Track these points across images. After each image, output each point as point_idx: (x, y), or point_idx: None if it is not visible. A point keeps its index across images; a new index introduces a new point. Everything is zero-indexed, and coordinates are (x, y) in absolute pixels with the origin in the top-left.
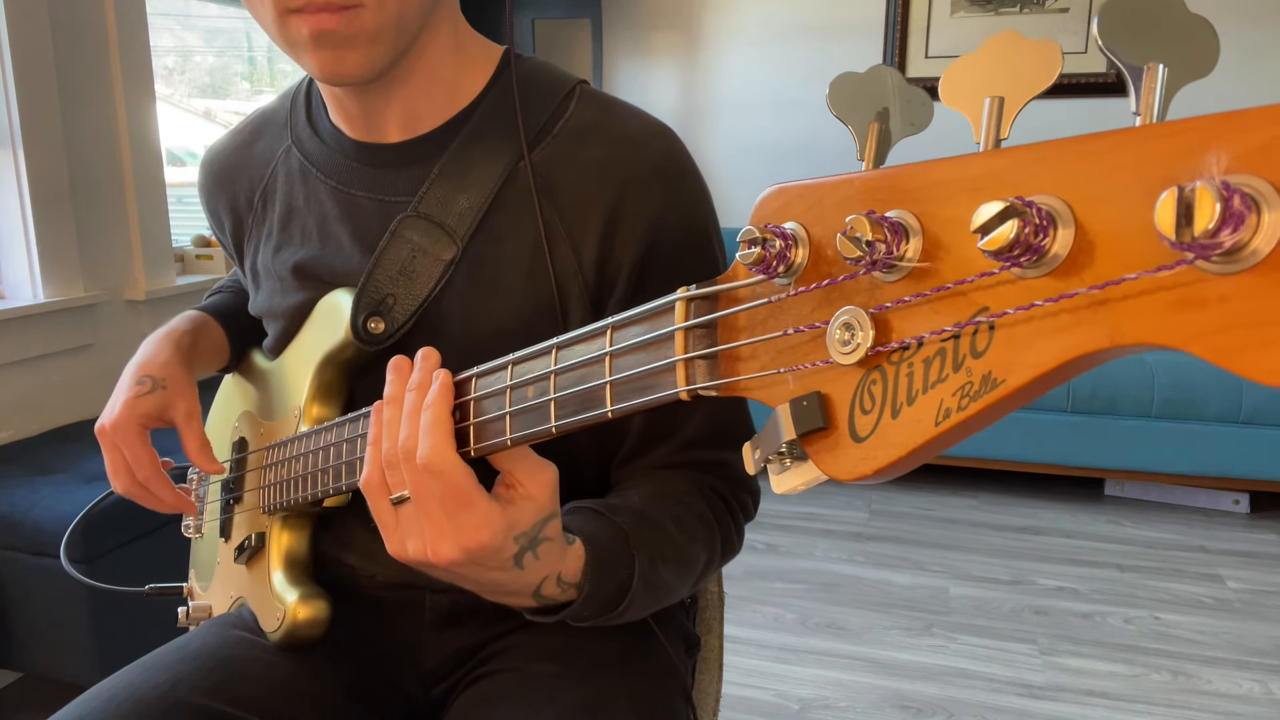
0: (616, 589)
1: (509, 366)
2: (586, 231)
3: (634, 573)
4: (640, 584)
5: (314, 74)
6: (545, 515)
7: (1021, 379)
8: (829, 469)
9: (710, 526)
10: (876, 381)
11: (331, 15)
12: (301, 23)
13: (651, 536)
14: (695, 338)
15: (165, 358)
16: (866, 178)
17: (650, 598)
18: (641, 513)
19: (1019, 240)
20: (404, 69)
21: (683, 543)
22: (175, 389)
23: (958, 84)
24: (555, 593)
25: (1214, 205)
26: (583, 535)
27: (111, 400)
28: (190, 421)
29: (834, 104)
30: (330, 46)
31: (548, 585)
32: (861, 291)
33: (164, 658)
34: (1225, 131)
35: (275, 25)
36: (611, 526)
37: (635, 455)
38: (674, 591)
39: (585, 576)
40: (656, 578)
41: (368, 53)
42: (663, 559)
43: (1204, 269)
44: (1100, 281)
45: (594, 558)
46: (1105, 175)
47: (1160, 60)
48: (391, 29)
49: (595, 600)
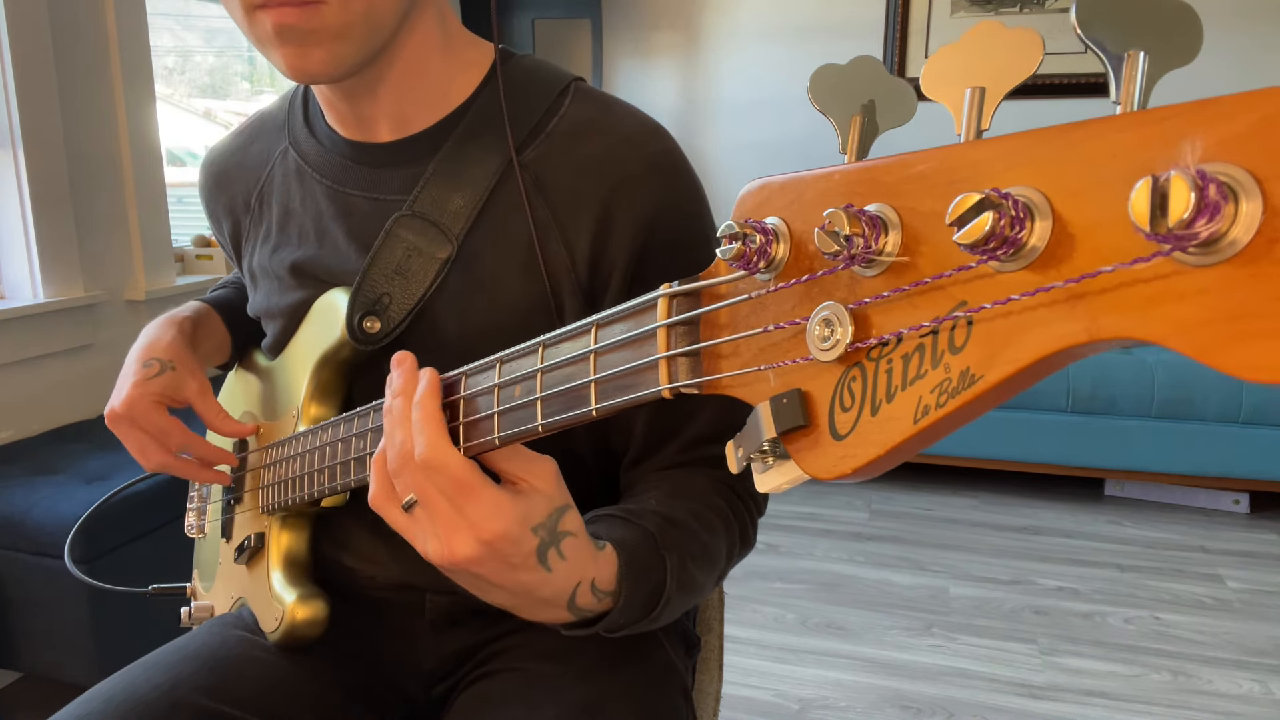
0: (651, 592)
1: (497, 365)
2: (579, 229)
3: (666, 574)
4: (674, 585)
5: (283, 71)
6: (557, 505)
7: (999, 375)
8: (809, 467)
9: (728, 520)
10: (856, 378)
11: (292, 9)
12: (265, 17)
13: (678, 537)
14: (677, 335)
15: (170, 339)
16: (847, 171)
17: (683, 598)
18: (664, 514)
19: (995, 233)
20: (387, 67)
21: (707, 539)
22: (185, 369)
23: (939, 75)
24: (591, 602)
25: (1188, 195)
26: (612, 540)
27: (118, 386)
28: (205, 398)
29: (815, 96)
30: (294, 42)
31: (582, 593)
32: (842, 287)
33: (164, 658)
34: (1202, 119)
35: (244, 22)
36: (639, 530)
37: (643, 457)
38: (703, 589)
39: (620, 582)
40: (688, 577)
41: (333, 49)
42: (691, 557)
43: (1181, 261)
44: (1077, 275)
45: (627, 562)
46: (1083, 166)
47: (1141, 48)
48: (359, 25)
49: (632, 606)
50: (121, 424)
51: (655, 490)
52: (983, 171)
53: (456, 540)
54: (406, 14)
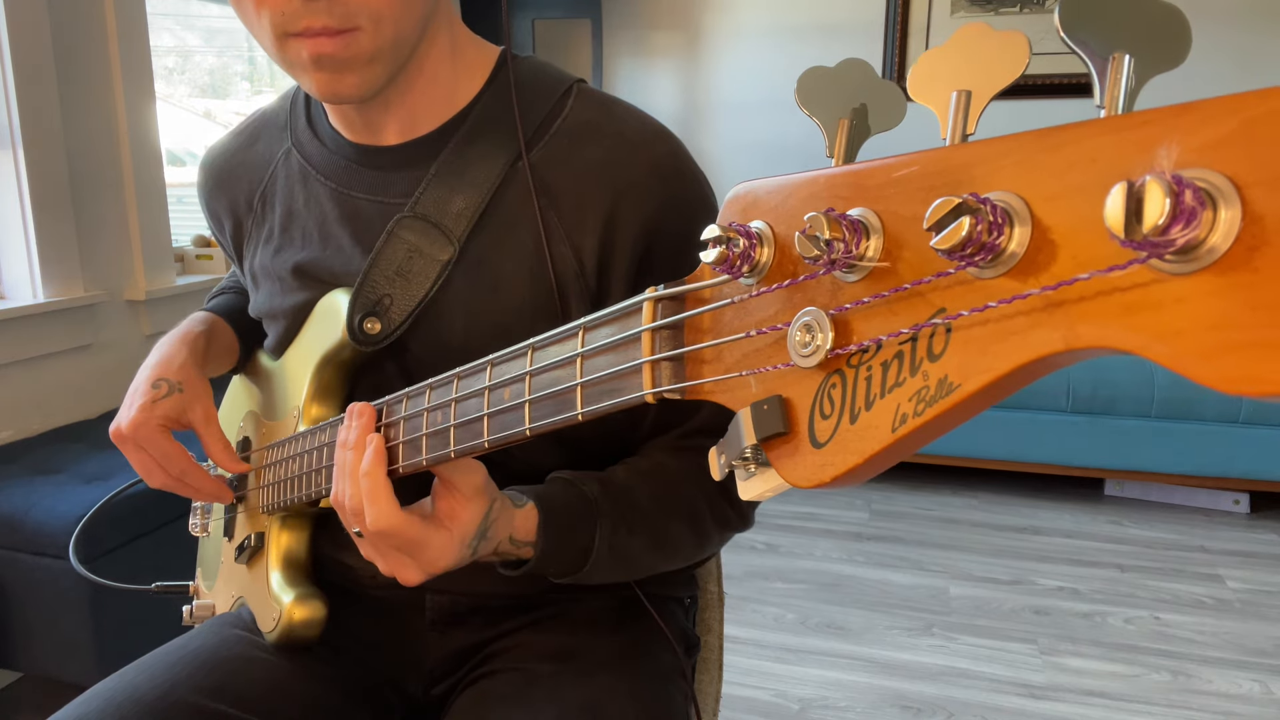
0: (579, 551)
1: (488, 368)
2: (586, 232)
3: (595, 535)
4: (605, 548)
5: (312, 93)
6: (485, 512)
7: (977, 383)
8: (788, 475)
9: (698, 508)
10: (836, 385)
11: (330, 39)
12: (301, 46)
13: (618, 506)
14: (662, 339)
15: (181, 360)
16: (832, 175)
17: (620, 565)
18: (618, 484)
19: (972, 238)
20: (403, 80)
21: (658, 519)
22: (192, 392)
23: (926, 78)
24: (510, 549)
25: (1163, 201)
26: (537, 497)
27: (126, 404)
28: (209, 425)
29: (803, 99)
30: (329, 69)
31: (502, 546)
32: (824, 293)
33: (164, 658)
34: (1182, 124)
35: (274, 47)
36: (574, 491)
37: (646, 438)
38: (651, 565)
39: (540, 534)
40: (622, 545)
41: (365, 74)
42: (629, 529)
43: (1159, 269)
44: (1054, 282)
45: (547, 517)
46: (1063, 170)
47: (1127, 51)
48: (388, 50)
49: (555, 558)
50: (127, 444)
51: (632, 464)
52: (963, 176)
53: (406, 572)
54: (425, 30)
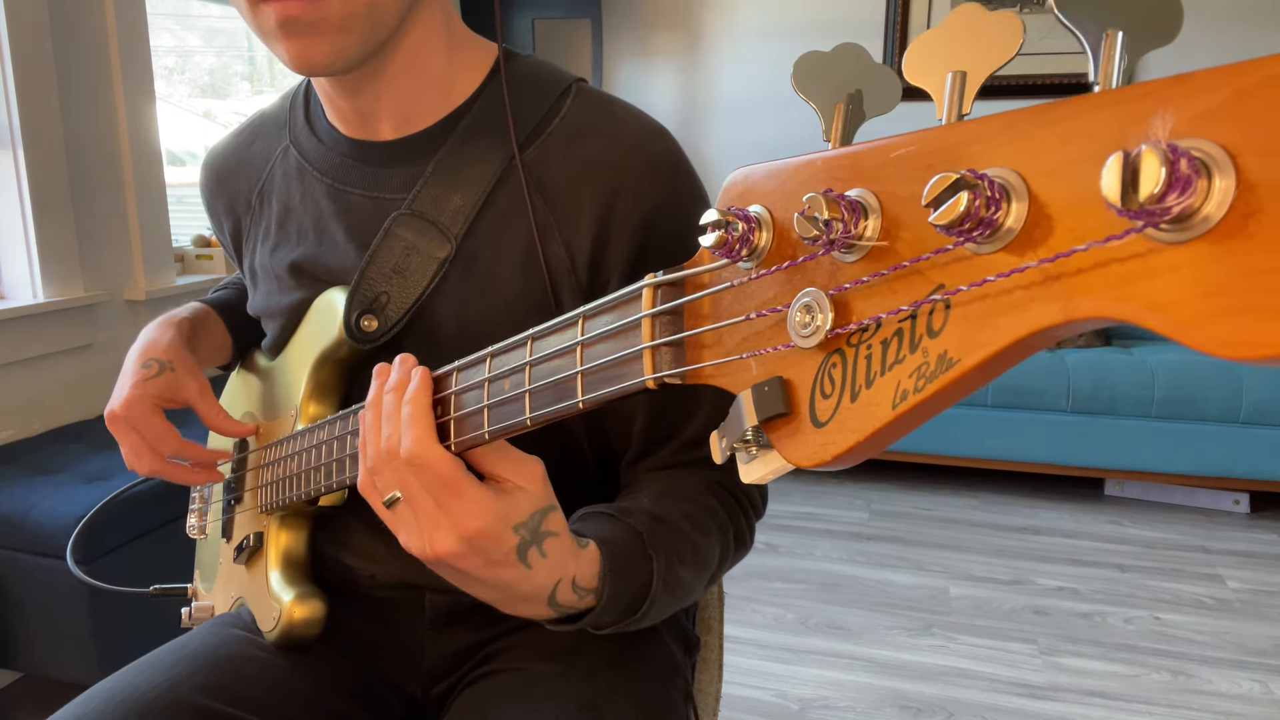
0: (636, 592)
1: (487, 359)
2: (580, 231)
3: (653, 574)
4: (660, 585)
5: (286, 63)
6: (541, 506)
7: (976, 358)
8: (790, 455)
9: (722, 522)
10: (837, 365)
11: (296, 2)
12: (270, 10)
13: (667, 537)
14: (662, 325)
15: (169, 340)
16: (829, 157)
17: (670, 599)
18: (654, 513)
19: (970, 214)
20: (390, 65)
21: (698, 540)
22: (184, 369)
23: (921, 60)
24: (572, 599)
25: (1159, 169)
26: (596, 539)
27: (118, 387)
28: (204, 396)
29: (799, 83)
30: (299, 34)
31: (563, 590)
32: (823, 273)
33: (163, 658)
34: (1177, 94)
35: (248, 14)
36: (625, 529)
37: (641, 457)
38: (691, 590)
39: (603, 581)
40: (675, 578)
41: (337, 41)
42: (680, 559)
43: (1155, 238)
44: (1052, 255)
45: (610, 561)
46: (1058, 145)
47: (1119, 27)
48: (360, 17)
49: (616, 605)
50: (119, 425)
51: (649, 489)
52: (960, 153)
53: (437, 535)
54: (410, 9)
